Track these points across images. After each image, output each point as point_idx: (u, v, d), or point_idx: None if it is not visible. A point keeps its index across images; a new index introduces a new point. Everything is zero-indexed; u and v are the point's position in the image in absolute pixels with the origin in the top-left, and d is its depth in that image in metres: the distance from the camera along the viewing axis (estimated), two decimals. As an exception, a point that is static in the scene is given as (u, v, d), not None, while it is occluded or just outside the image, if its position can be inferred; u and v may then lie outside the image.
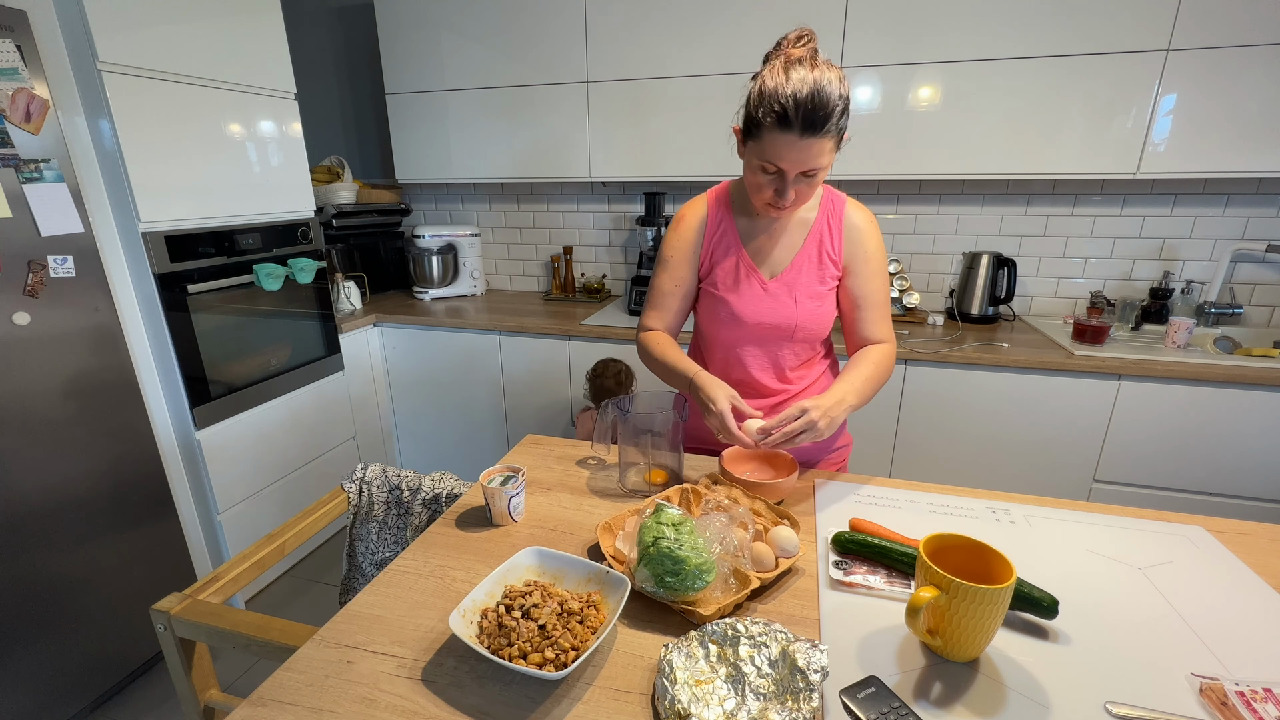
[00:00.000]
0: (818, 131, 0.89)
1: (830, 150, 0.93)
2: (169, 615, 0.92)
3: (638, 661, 0.68)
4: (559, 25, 2.20)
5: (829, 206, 1.10)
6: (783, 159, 0.93)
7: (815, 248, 1.09)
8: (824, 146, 0.91)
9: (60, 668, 1.52)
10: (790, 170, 0.94)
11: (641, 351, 1.19)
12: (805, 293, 1.09)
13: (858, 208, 1.11)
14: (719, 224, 1.12)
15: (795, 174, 0.94)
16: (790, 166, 0.93)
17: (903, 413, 1.98)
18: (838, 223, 1.09)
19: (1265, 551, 0.87)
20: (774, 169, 0.95)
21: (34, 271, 1.40)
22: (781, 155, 0.93)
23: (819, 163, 0.93)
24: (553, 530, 0.94)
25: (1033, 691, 0.63)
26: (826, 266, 1.10)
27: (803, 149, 0.91)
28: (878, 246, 1.11)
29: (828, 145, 0.92)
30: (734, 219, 1.12)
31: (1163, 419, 1.77)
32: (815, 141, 0.90)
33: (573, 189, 2.69)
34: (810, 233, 1.10)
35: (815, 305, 1.09)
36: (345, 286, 2.46)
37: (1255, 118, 1.74)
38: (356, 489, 1.29)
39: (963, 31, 1.86)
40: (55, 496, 1.48)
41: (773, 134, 0.91)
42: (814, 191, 1.00)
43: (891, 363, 1.11)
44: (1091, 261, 2.21)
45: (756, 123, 0.93)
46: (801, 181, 0.96)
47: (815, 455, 1.19)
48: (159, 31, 1.60)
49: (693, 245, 1.14)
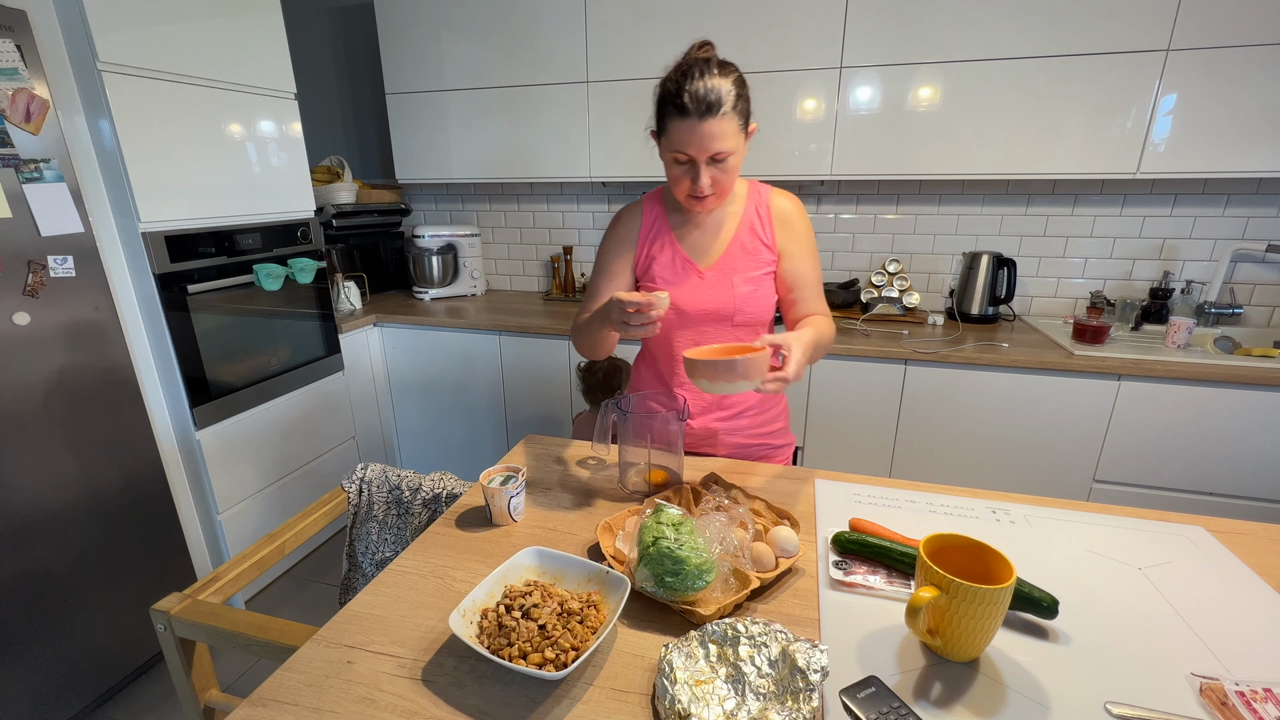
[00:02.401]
0: (715, 113, 0.96)
1: (734, 134, 0.99)
2: (169, 615, 0.92)
3: (638, 661, 0.68)
4: (559, 25, 2.20)
5: (755, 197, 1.16)
6: (689, 145, 0.99)
7: (747, 233, 1.15)
8: (724, 129, 0.97)
9: (60, 668, 1.52)
10: (698, 156, 1.00)
11: (574, 338, 1.21)
12: (741, 278, 1.14)
13: (783, 195, 1.17)
14: (653, 223, 1.18)
15: (705, 159, 1.00)
16: (697, 152, 0.99)
17: (903, 413, 1.98)
18: (766, 210, 1.15)
19: (1265, 551, 0.87)
20: (685, 158, 1.01)
21: (34, 271, 1.40)
22: (687, 141, 0.99)
23: (724, 145, 0.98)
24: (553, 530, 0.94)
25: (1033, 691, 0.63)
26: (760, 251, 1.14)
27: (704, 133, 0.97)
28: (806, 228, 1.16)
29: (729, 128, 0.97)
30: (667, 216, 1.18)
31: (1163, 419, 1.77)
32: (714, 123, 0.96)
33: (573, 189, 2.69)
34: (741, 221, 1.15)
35: (751, 289, 1.14)
36: (345, 286, 2.46)
37: (1255, 118, 1.74)
38: (356, 489, 1.29)
39: (963, 31, 1.86)
40: (55, 496, 1.48)
41: (676, 123, 0.99)
42: (730, 179, 1.04)
43: (833, 331, 1.15)
44: (1091, 261, 2.21)
45: (662, 118, 1.02)
46: (714, 167, 1.01)
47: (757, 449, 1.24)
48: (159, 31, 1.60)
49: (628, 245, 1.19)
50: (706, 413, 1.20)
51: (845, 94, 2.01)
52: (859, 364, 1.96)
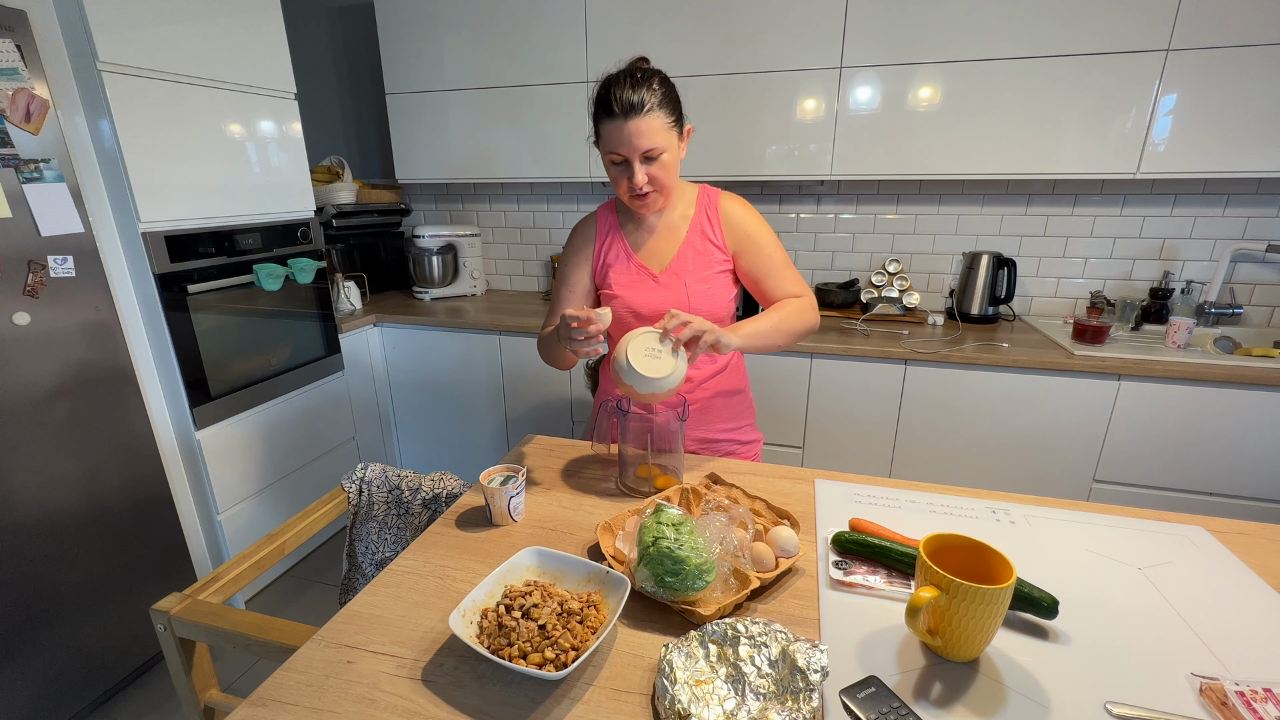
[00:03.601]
0: (640, 111, 1.00)
1: (662, 131, 1.02)
2: (169, 615, 0.92)
3: (638, 661, 0.68)
4: (559, 25, 2.20)
5: (705, 201, 1.19)
6: (620, 144, 1.03)
7: (697, 236, 1.18)
8: (651, 125, 1.01)
9: (60, 668, 1.52)
10: (630, 154, 1.03)
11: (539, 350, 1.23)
12: (694, 278, 1.16)
13: (730, 197, 1.20)
14: (607, 233, 1.22)
15: (637, 157, 1.04)
16: (628, 150, 1.03)
17: (903, 413, 1.98)
18: (714, 213, 1.19)
19: (1265, 551, 0.87)
20: (619, 158, 1.05)
21: (34, 271, 1.40)
22: (617, 140, 1.03)
23: (653, 142, 1.02)
24: (553, 530, 0.94)
25: (1033, 691, 0.63)
26: (711, 252, 1.18)
27: (631, 131, 1.01)
28: (757, 223, 1.19)
29: (655, 125, 1.01)
30: (620, 226, 1.22)
31: (1163, 419, 1.77)
32: (640, 120, 1.00)
33: (573, 189, 2.69)
34: (691, 225, 1.18)
35: (705, 288, 1.16)
36: (345, 286, 2.46)
37: (1255, 118, 1.74)
38: (356, 489, 1.29)
39: (963, 31, 1.86)
40: (55, 496, 1.48)
41: (605, 125, 1.04)
42: (667, 176, 1.07)
43: (805, 310, 1.14)
44: (1091, 261, 2.21)
45: (596, 123, 1.06)
46: (649, 165, 1.05)
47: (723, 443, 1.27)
48: (159, 31, 1.60)
49: (584, 256, 1.22)
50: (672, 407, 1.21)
51: (845, 94, 2.01)
52: (859, 364, 1.96)
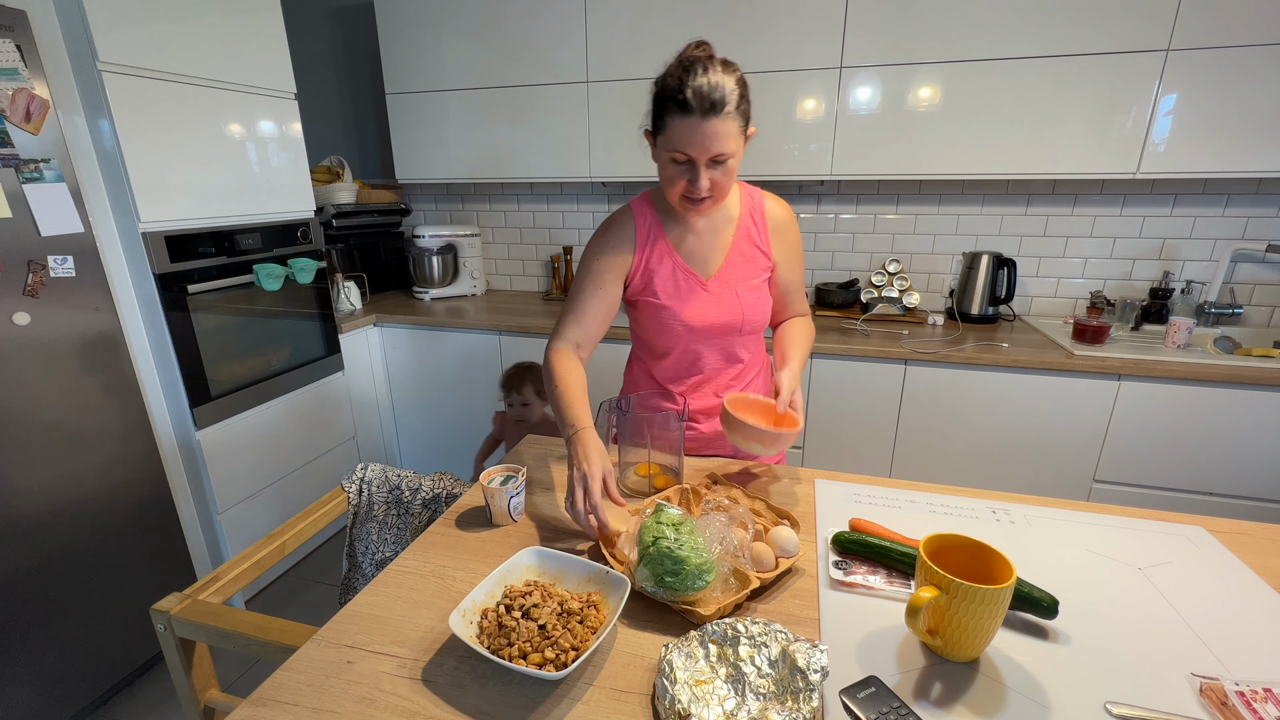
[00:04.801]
0: (718, 112, 0.92)
1: (735, 135, 0.95)
2: (169, 615, 0.92)
3: (638, 661, 0.68)
4: (559, 25, 2.20)
5: (749, 201, 1.13)
6: (689, 144, 0.95)
7: (745, 241, 1.12)
8: (727, 129, 0.93)
9: (61, 668, 1.52)
10: (699, 156, 0.95)
11: (546, 371, 1.06)
12: (744, 286, 1.12)
13: (776, 201, 1.15)
14: (648, 234, 1.12)
15: (705, 160, 0.96)
16: (698, 152, 0.95)
17: (903, 413, 1.98)
18: (760, 216, 1.13)
19: (1265, 551, 0.87)
20: (684, 158, 0.97)
21: (34, 271, 1.40)
22: (687, 141, 0.94)
23: (725, 147, 0.94)
24: (553, 530, 0.94)
25: (1033, 691, 0.63)
26: (758, 259, 1.13)
27: (706, 132, 0.93)
28: (798, 236, 1.17)
29: (731, 128, 0.94)
30: (662, 226, 1.12)
31: (1163, 419, 1.77)
32: (717, 122, 0.92)
33: (573, 189, 2.69)
34: (738, 228, 1.12)
35: (755, 298, 1.13)
36: (345, 286, 2.46)
37: (1255, 118, 1.73)
38: (356, 489, 1.29)
39: (963, 31, 1.86)
40: (55, 496, 1.48)
41: (676, 121, 0.94)
42: (729, 182, 1.00)
43: (813, 331, 1.21)
44: (1091, 261, 2.21)
45: (661, 115, 0.97)
46: (714, 169, 0.97)
47: None
48: (159, 31, 1.60)
49: (622, 258, 1.11)
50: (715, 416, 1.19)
51: (845, 94, 2.01)
52: (859, 364, 1.96)
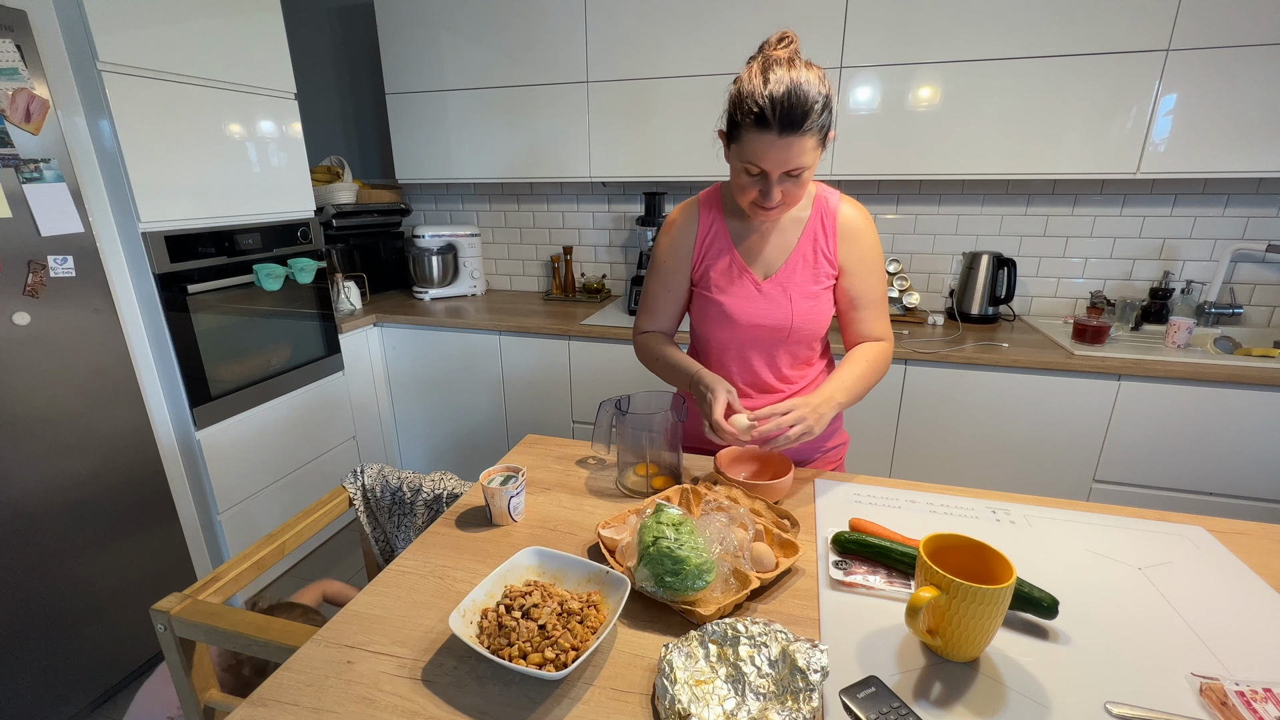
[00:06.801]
0: (796, 130, 0.88)
1: (812, 149, 0.91)
2: (169, 615, 0.92)
3: (638, 661, 0.68)
4: (559, 25, 2.20)
5: (822, 204, 1.08)
6: (763, 159, 0.91)
7: (810, 246, 1.07)
8: (804, 145, 0.90)
9: (60, 668, 1.52)
10: (772, 171, 0.92)
11: (640, 352, 1.21)
12: (800, 292, 1.07)
13: (852, 205, 1.09)
14: (710, 226, 1.11)
15: (778, 174, 0.93)
16: (772, 167, 0.92)
17: (903, 413, 1.98)
18: (831, 221, 1.07)
19: (1265, 551, 0.87)
20: (757, 170, 0.94)
21: (34, 271, 1.40)
22: (762, 155, 0.91)
23: (801, 162, 0.91)
24: (553, 530, 0.94)
25: (1033, 691, 0.63)
26: (821, 265, 1.08)
27: (782, 148, 0.89)
28: (874, 244, 1.09)
29: (808, 144, 0.90)
30: (725, 220, 1.11)
31: (1163, 419, 1.77)
32: (795, 140, 0.89)
33: (573, 189, 2.69)
34: (804, 232, 1.08)
35: (810, 305, 1.08)
36: (345, 286, 2.46)
37: (1255, 118, 1.73)
38: (359, 491, 1.29)
39: (963, 31, 1.86)
40: (55, 496, 1.48)
41: (752, 134, 0.90)
42: (802, 192, 0.98)
43: (887, 360, 1.10)
44: (1091, 261, 2.21)
45: (736, 124, 0.93)
46: (786, 182, 0.94)
47: (809, 453, 1.19)
48: (159, 31, 1.60)
49: (685, 248, 1.12)
50: None
51: (845, 94, 2.01)
52: (859, 364, 1.96)
